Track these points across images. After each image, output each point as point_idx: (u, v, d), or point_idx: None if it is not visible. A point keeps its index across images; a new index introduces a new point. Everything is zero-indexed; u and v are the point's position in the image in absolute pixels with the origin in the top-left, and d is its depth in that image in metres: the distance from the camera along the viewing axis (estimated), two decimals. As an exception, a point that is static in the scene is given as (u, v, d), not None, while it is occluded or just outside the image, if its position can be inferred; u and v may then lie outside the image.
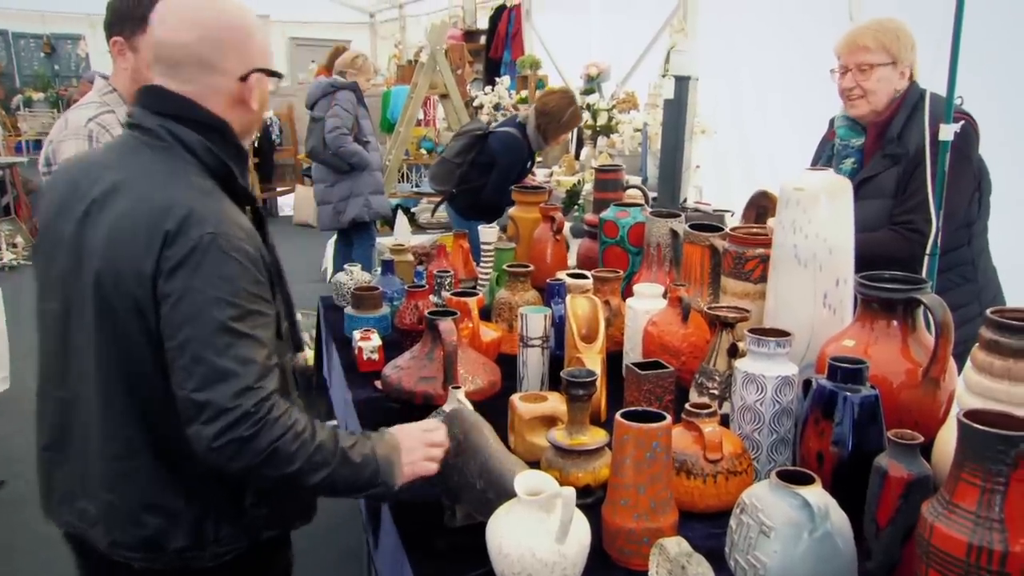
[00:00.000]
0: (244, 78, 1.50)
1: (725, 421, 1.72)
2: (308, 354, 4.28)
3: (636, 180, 4.44)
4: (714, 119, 4.76)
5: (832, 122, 2.67)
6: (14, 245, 8.38)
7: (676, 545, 1.22)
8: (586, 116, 5.21)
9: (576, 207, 4.46)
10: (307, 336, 4.31)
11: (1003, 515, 1.07)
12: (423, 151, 7.23)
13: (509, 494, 1.32)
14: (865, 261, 1.92)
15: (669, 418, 1.40)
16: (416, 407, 1.89)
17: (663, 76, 4.55)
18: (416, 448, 1.53)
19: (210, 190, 1.46)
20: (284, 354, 1.56)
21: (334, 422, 4.27)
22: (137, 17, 2.28)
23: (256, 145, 10.10)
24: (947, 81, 1.93)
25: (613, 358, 2.18)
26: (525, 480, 1.30)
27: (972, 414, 1.13)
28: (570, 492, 1.23)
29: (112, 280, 1.39)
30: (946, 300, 1.58)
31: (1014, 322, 1.37)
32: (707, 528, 1.48)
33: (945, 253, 2.15)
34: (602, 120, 5.17)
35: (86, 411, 1.48)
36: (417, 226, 6.15)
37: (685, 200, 4.07)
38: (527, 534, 1.24)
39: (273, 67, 1.58)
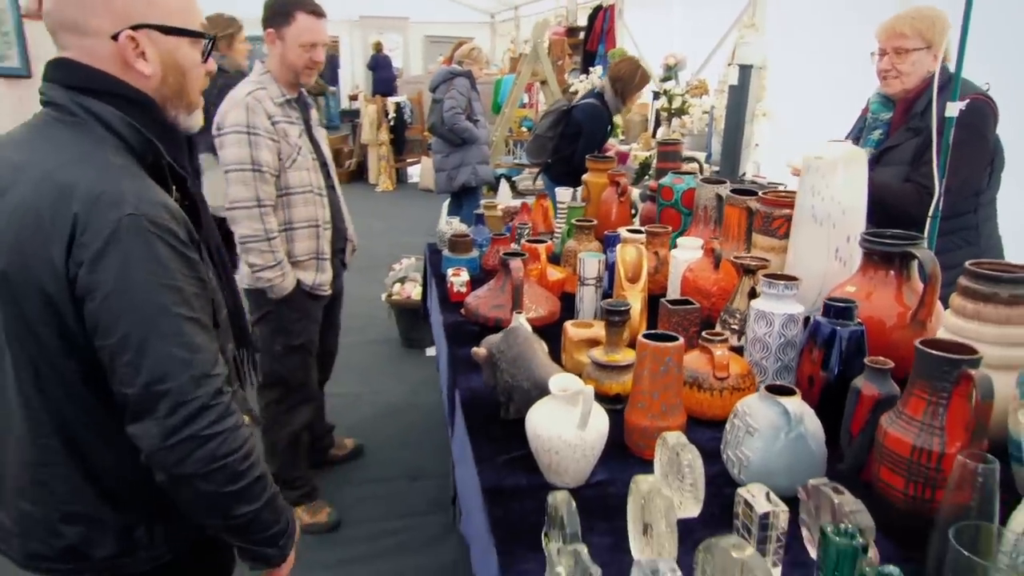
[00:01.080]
0: (115, 36, 1.14)
1: (742, 351, 1.75)
2: (416, 290, 4.45)
3: (700, 156, 4.36)
4: (775, 103, 4.60)
5: (869, 101, 2.59)
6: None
7: (675, 437, 1.28)
8: (663, 100, 5.13)
9: (647, 176, 4.43)
10: (418, 275, 4.49)
11: (944, 423, 1.08)
12: (524, 129, 7.28)
13: (547, 393, 1.40)
14: (882, 208, 1.85)
15: (681, 340, 1.44)
16: (489, 328, 1.98)
17: (729, 65, 4.43)
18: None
19: (127, 168, 1.13)
20: (225, 343, 1.29)
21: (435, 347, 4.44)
22: (283, 12, 2.43)
23: (392, 124, 10.36)
24: (955, 63, 1.85)
25: (659, 300, 2.21)
26: (557, 380, 1.37)
27: (928, 342, 1.14)
28: (589, 390, 1.29)
29: (20, 276, 1.09)
30: (948, 260, 1.55)
31: (986, 271, 1.34)
32: (713, 433, 1.53)
33: (951, 217, 2.06)
34: (676, 104, 5.07)
35: (3, 416, 1.20)
36: (517, 192, 6.22)
37: (744, 174, 3.99)
38: (556, 422, 1.31)
39: (173, 23, 1.18)
